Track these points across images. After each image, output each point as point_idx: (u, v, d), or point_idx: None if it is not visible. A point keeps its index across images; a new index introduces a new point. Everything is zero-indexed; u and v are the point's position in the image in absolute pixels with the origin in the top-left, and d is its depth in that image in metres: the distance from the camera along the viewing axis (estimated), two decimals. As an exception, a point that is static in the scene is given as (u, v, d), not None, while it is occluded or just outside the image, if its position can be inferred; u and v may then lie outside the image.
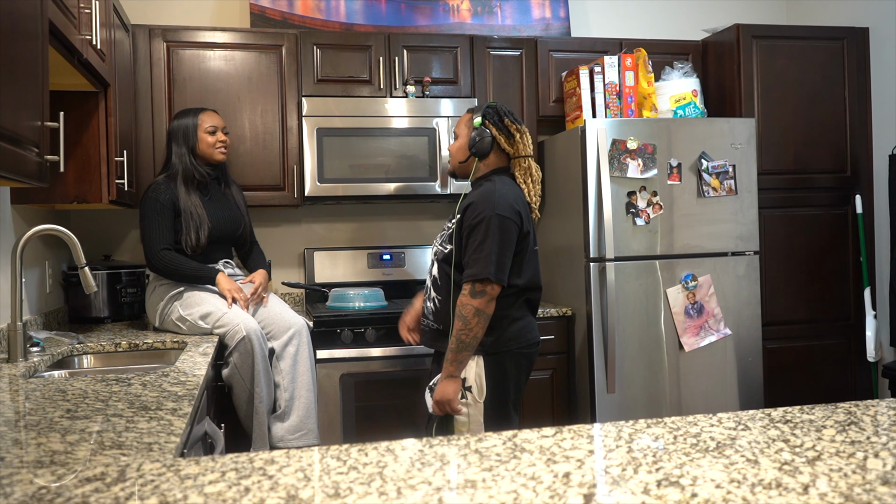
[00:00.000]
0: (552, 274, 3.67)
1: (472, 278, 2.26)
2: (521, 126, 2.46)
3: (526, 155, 2.45)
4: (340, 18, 3.64)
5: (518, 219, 2.33)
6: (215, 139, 2.93)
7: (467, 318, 2.26)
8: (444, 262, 2.39)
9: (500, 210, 2.28)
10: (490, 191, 2.33)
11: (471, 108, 2.51)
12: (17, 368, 2.02)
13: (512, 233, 2.31)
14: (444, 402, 2.31)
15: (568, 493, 0.92)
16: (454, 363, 2.29)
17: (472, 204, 2.32)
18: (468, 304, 2.26)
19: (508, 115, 2.45)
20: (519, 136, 2.44)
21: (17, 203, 2.57)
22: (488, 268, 2.24)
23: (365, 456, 1.08)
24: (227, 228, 2.95)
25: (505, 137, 2.43)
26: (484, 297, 2.26)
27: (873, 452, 1.06)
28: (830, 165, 3.69)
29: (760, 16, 4.22)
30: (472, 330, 2.26)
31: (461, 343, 2.27)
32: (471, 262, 2.28)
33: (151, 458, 1.18)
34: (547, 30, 3.88)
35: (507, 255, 2.30)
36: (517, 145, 2.45)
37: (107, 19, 2.53)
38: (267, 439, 2.77)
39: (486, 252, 2.25)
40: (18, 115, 1.55)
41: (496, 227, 2.26)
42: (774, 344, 3.58)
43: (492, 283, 2.26)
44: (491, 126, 2.42)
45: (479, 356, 2.34)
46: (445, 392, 2.30)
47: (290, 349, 2.85)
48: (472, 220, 2.30)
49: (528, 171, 2.45)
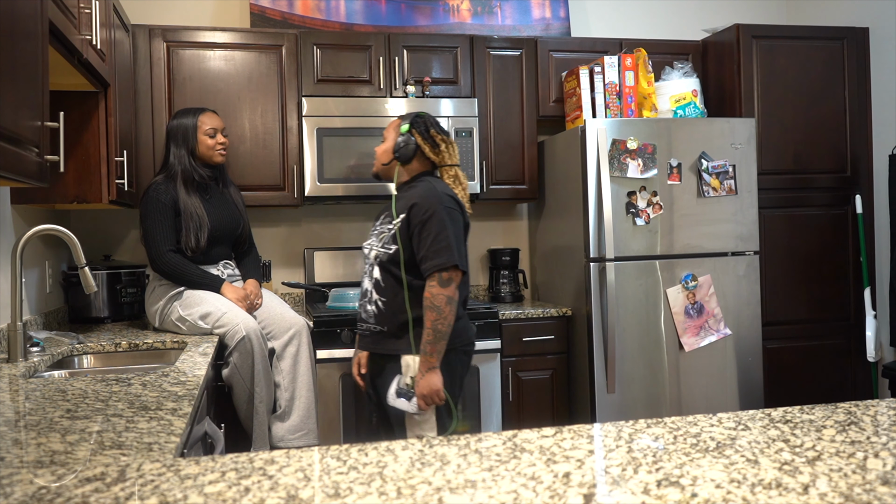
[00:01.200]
0: (552, 274, 3.67)
1: (439, 268, 2.33)
2: (447, 137, 2.57)
3: (453, 164, 2.56)
4: (340, 18, 3.64)
5: (460, 209, 2.45)
6: (215, 141, 2.93)
7: (441, 308, 2.32)
8: (390, 263, 2.43)
9: (446, 203, 2.39)
10: (430, 188, 2.43)
11: (402, 115, 2.63)
12: (17, 368, 2.02)
13: (460, 223, 2.43)
14: (433, 394, 2.35)
15: (568, 493, 0.92)
16: (434, 354, 2.35)
17: (417, 203, 2.39)
18: (439, 294, 2.33)
19: (435, 125, 2.55)
20: (445, 146, 2.55)
21: (17, 203, 2.57)
22: (453, 255, 2.34)
23: (365, 456, 1.08)
24: (227, 229, 2.95)
25: (430, 146, 2.52)
26: (452, 285, 2.35)
27: (873, 452, 1.06)
28: (830, 165, 3.69)
29: (760, 16, 4.22)
30: (447, 318, 2.33)
31: (438, 333, 2.33)
32: (431, 254, 2.35)
33: (151, 458, 1.18)
34: (547, 30, 3.88)
35: (462, 244, 2.42)
36: (442, 154, 2.55)
37: (107, 19, 2.53)
38: (267, 439, 2.77)
39: (446, 242, 2.34)
40: (18, 115, 1.55)
41: (447, 218, 2.36)
42: (774, 344, 3.58)
43: (457, 270, 2.36)
44: (417, 134, 2.52)
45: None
46: (432, 383, 2.35)
47: (290, 349, 2.85)
48: (422, 216, 2.37)
49: (456, 178, 2.56)
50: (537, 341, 3.35)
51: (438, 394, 2.35)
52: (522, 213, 4.01)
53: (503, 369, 3.29)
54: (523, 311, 3.35)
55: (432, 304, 2.32)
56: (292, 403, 2.83)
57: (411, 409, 2.37)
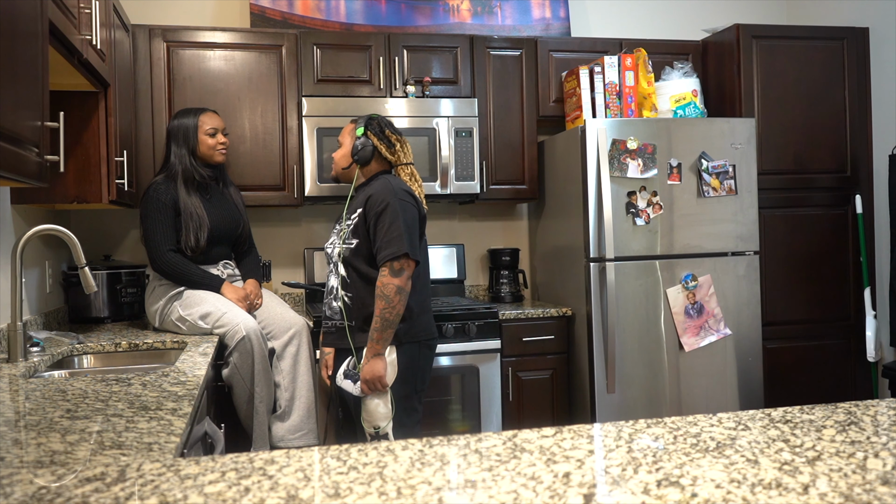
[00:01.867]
0: (552, 274, 3.67)
1: (391, 257, 2.40)
2: (401, 137, 2.65)
3: (408, 162, 2.64)
4: (340, 18, 3.64)
5: (415, 202, 2.52)
6: (215, 141, 2.93)
7: (390, 297, 2.38)
8: (353, 257, 2.51)
9: (399, 195, 2.46)
10: (385, 182, 2.51)
11: (354, 119, 2.70)
12: (17, 368, 2.02)
13: (414, 215, 2.49)
14: (375, 380, 2.41)
15: (568, 493, 0.92)
16: (380, 341, 2.41)
17: (372, 196, 2.47)
18: (389, 284, 2.39)
19: (388, 126, 2.64)
20: (399, 146, 2.63)
21: (17, 203, 2.57)
22: (404, 245, 2.40)
23: (365, 456, 1.08)
24: (227, 229, 2.95)
25: (385, 146, 2.60)
26: (403, 275, 2.41)
27: (873, 452, 1.06)
28: (830, 165, 3.69)
29: (760, 16, 4.22)
30: (395, 308, 2.39)
31: (385, 321, 2.39)
32: (384, 244, 2.42)
33: (151, 458, 1.18)
34: (547, 30, 3.88)
35: (415, 234, 2.48)
36: (398, 154, 2.63)
37: (107, 19, 2.53)
38: (267, 439, 2.77)
39: (398, 232, 2.40)
40: (18, 115, 1.55)
41: (399, 209, 2.43)
42: (774, 344, 3.58)
43: (409, 260, 2.42)
44: (372, 136, 2.60)
45: (392, 345, 2.46)
46: (375, 370, 2.41)
47: (290, 349, 2.85)
48: (378, 207, 2.44)
49: (412, 175, 2.64)
50: (537, 341, 3.35)
51: (381, 380, 2.41)
52: (522, 213, 4.01)
53: (503, 369, 3.29)
54: (523, 311, 3.35)
55: (382, 293, 2.39)
56: (292, 403, 2.83)
57: (355, 391, 2.46)
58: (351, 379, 2.48)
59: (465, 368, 3.24)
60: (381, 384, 2.42)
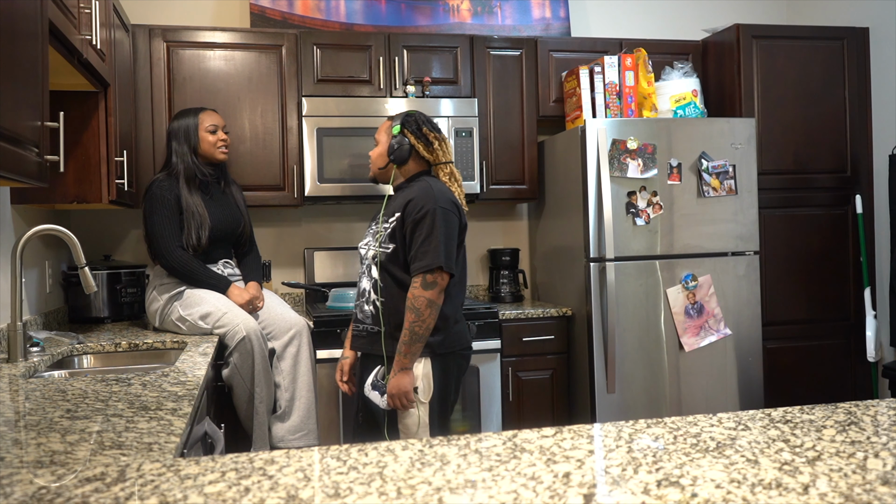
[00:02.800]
0: (552, 274, 3.67)
1: (423, 270, 2.29)
2: (440, 134, 2.52)
3: (447, 161, 2.52)
4: (340, 18, 3.64)
5: (457, 211, 2.39)
6: (216, 138, 2.92)
7: (420, 310, 2.28)
8: (388, 262, 2.40)
9: (441, 203, 2.34)
10: (427, 187, 2.38)
11: (391, 116, 2.57)
12: (17, 368, 2.02)
13: (454, 224, 2.37)
14: (401, 395, 2.32)
15: (568, 493, 0.92)
16: (408, 355, 2.31)
17: (413, 200, 2.36)
18: (420, 297, 2.29)
19: (426, 123, 2.49)
20: (438, 144, 2.49)
21: (17, 203, 2.57)
22: (439, 257, 2.28)
23: (365, 456, 1.08)
24: (228, 228, 2.94)
25: (424, 145, 2.47)
26: (435, 288, 2.30)
27: (873, 452, 1.06)
28: (830, 165, 3.69)
29: (760, 16, 4.22)
30: (426, 321, 2.29)
31: (415, 335, 2.29)
32: (419, 254, 2.31)
33: (151, 458, 1.18)
34: (547, 30, 3.88)
35: (453, 246, 2.36)
36: (436, 153, 2.49)
37: (107, 19, 2.53)
38: (267, 439, 2.77)
39: (435, 243, 2.29)
40: (18, 115, 1.55)
41: (441, 218, 2.31)
42: (774, 344, 3.58)
43: (442, 273, 2.31)
44: (409, 134, 2.47)
45: (427, 357, 2.36)
46: (401, 384, 2.31)
47: (290, 349, 2.85)
48: (416, 214, 2.33)
49: (452, 175, 2.51)
50: (537, 341, 3.35)
51: (407, 395, 2.32)
52: (522, 213, 4.01)
53: (503, 369, 3.29)
54: (523, 311, 3.35)
55: (412, 306, 2.29)
56: (292, 404, 2.83)
57: (382, 404, 2.37)
58: (378, 391, 2.37)
59: (465, 368, 3.24)
60: (408, 399, 2.32)
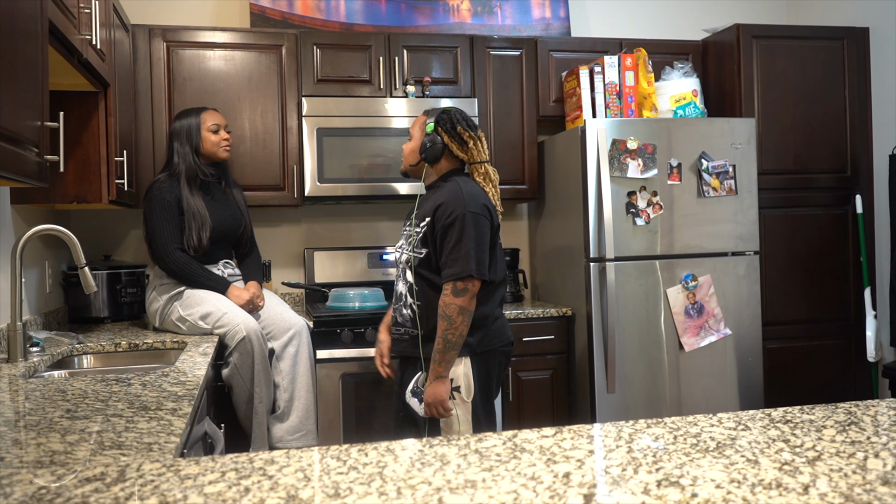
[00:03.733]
0: (552, 274, 3.67)
1: (454, 277, 2.27)
2: (475, 133, 2.45)
3: (482, 161, 2.46)
4: (340, 18, 3.64)
5: (488, 214, 2.35)
6: (219, 137, 2.92)
7: (452, 318, 2.26)
8: (422, 267, 2.37)
9: (471, 207, 2.30)
10: (457, 190, 2.34)
11: (427, 111, 2.51)
12: (17, 368, 2.02)
13: (485, 228, 2.33)
14: (437, 403, 2.30)
15: (568, 493, 0.92)
16: (442, 363, 2.29)
17: (443, 205, 2.32)
18: (452, 304, 2.27)
19: (462, 121, 2.43)
20: (472, 143, 2.44)
21: (17, 203, 2.57)
22: (469, 265, 2.25)
23: (365, 456, 1.08)
24: (229, 229, 2.94)
25: (458, 144, 2.42)
26: (466, 295, 2.27)
27: (873, 452, 1.06)
28: (830, 165, 3.69)
29: (760, 16, 4.22)
30: (458, 329, 2.27)
31: (448, 343, 2.27)
32: (449, 261, 2.29)
33: (151, 458, 1.18)
34: (547, 30, 3.88)
35: (484, 251, 2.32)
36: (471, 152, 2.44)
37: (107, 19, 2.53)
38: (266, 439, 2.77)
39: (465, 250, 2.26)
40: (18, 115, 1.55)
41: (471, 223, 2.28)
42: (774, 344, 3.58)
43: (473, 280, 2.27)
44: (443, 133, 2.42)
45: (466, 356, 2.34)
46: (437, 393, 2.29)
47: (289, 349, 2.85)
48: (446, 220, 2.30)
49: (486, 175, 2.46)
50: (537, 341, 3.35)
51: (443, 404, 2.29)
52: (522, 213, 4.01)
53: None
54: (523, 311, 3.35)
55: (444, 314, 2.27)
56: (291, 404, 2.83)
57: (420, 411, 2.35)
58: (418, 398, 2.36)
59: (465, 368, 3.24)
60: (444, 408, 2.30)
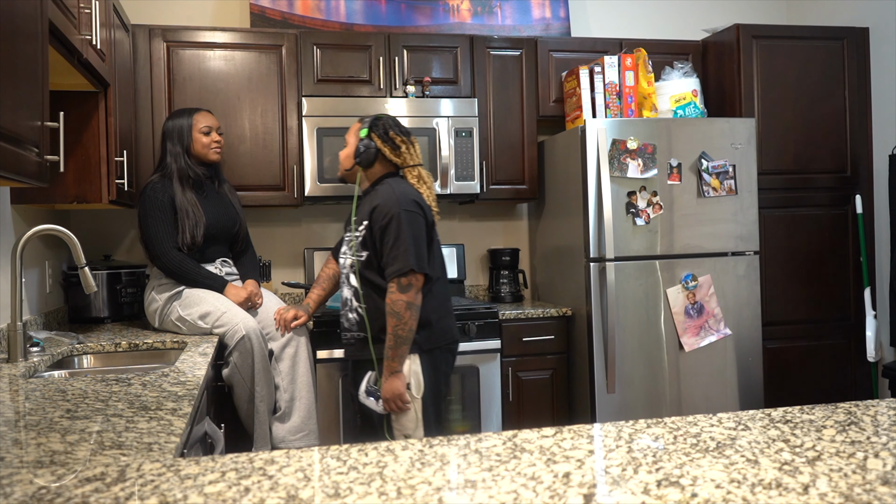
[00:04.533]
0: (552, 274, 3.67)
1: (397, 274, 2.37)
2: (408, 138, 2.57)
3: (415, 164, 2.57)
4: (340, 18, 3.64)
5: (421, 210, 2.46)
6: (210, 139, 2.93)
7: (400, 314, 2.36)
8: (364, 269, 2.48)
9: (404, 206, 2.41)
10: (389, 191, 2.45)
11: (361, 118, 2.63)
12: (17, 368, 2.02)
13: (420, 224, 2.43)
14: (395, 398, 2.40)
15: (568, 493, 0.92)
16: (395, 359, 2.39)
17: (378, 206, 2.43)
18: (399, 300, 2.36)
19: (394, 127, 2.56)
20: (405, 148, 2.55)
21: (17, 203, 2.57)
22: (410, 260, 2.36)
23: (365, 456, 1.08)
24: (223, 226, 2.94)
25: (390, 149, 2.54)
26: (412, 290, 2.37)
27: (873, 452, 1.06)
28: (830, 165, 3.69)
29: (760, 16, 4.22)
30: (407, 323, 2.37)
31: (399, 338, 2.37)
32: (390, 260, 2.39)
33: (151, 458, 1.18)
34: (547, 30, 3.88)
35: (422, 246, 2.42)
36: (404, 156, 2.56)
37: (107, 19, 2.53)
38: (268, 438, 2.76)
39: (404, 247, 2.37)
40: (18, 115, 1.55)
41: (406, 221, 2.39)
42: (774, 344, 3.58)
43: (416, 275, 2.38)
44: (376, 138, 2.53)
45: (415, 354, 2.44)
46: (395, 388, 2.39)
47: (288, 350, 2.84)
48: (382, 221, 2.41)
49: (420, 177, 2.57)
50: (537, 341, 3.35)
51: (402, 397, 2.39)
52: (522, 213, 4.01)
53: (503, 369, 3.29)
54: (523, 311, 3.35)
55: (392, 311, 2.36)
56: (293, 404, 2.83)
57: (379, 409, 2.44)
58: (373, 396, 2.45)
59: (465, 368, 3.24)
60: (402, 401, 2.39)
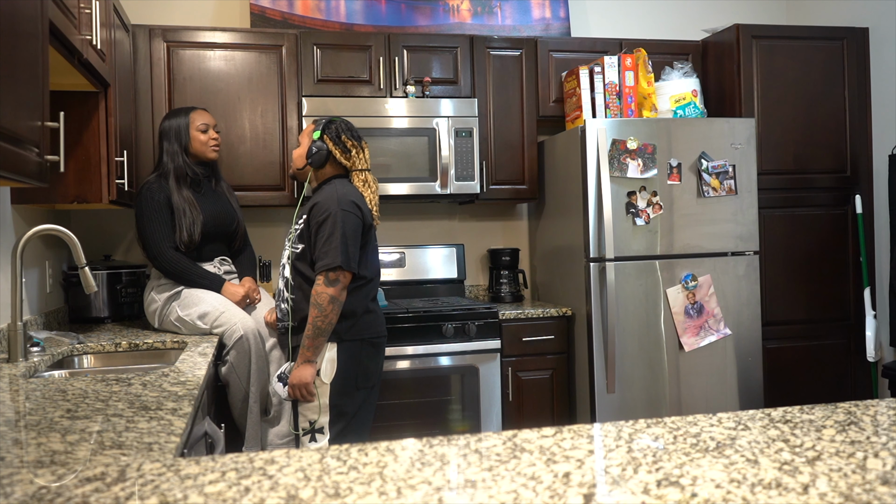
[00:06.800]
0: (552, 274, 3.67)
1: (325, 268, 2.43)
2: (359, 143, 2.63)
3: (364, 168, 2.64)
4: (340, 18, 3.64)
5: (359, 212, 2.51)
6: (207, 137, 2.93)
7: (323, 306, 2.42)
8: (297, 260, 2.55)
9: (343, 206, 2.47)
10: (331, 191, 2.52)
11: (315, 120, 2.69)
12: (18, 368, 2.02)
13: (356, 225, 2.49)
14: (301, 386, 2.46)
15: (568, 493, 0.92)
16: (311, 349, 2.45)
17: (318, 204, 2.50)
18: (323, 293, 2.42)
19: (346, 131, 2.62)
20: (355, 151, 2.62)
21: (17, 203, 2.57)
22: (339, 257, 2.42)
23: (365, 456, 1.08)
24: (221, 224, 2.94)
25: (340, 151, 2.60)
26: (338, 286, 2.43)
27: (873, 452, 1.06)
28: (830, 165, 3.69)
29: (760, 16, 4.22)
30: (328, 317, 2.43)
31: (317, 329, 2.43)
32: (321, 254, 2.45)
33: (151, 458, 1.18)
34: (547, 30, 3.88)
35: (354, 246, 2.48)
36: (353, 159, 2.62)
37: (107, 19, 2.53)
38: (259, 438, 2.76)
39: (335, 244, 2.43)
40: (18, 115, 1.55)
41: (341, 220, 2.45)
42: (774, 344, 3.58)
43: (343, 271, 2.44)
44: (328, 140, 2.60)
45: (333, 342, 2.49)
46: (302, 376, 2.45)
47: (276, 353, 2.83)
48: (319, 217, 2.47)
49: (366, 181, 2.64)
50: (537, 341, 3.35)
51: (307, 387, 2.45)
52: (522, 213, 4.01)
53: (503, 369, 3.29)
54: (523, 311, 3.35)
55: (316, 302, 2.43)
56: (281, 408, 2.82)
57: (283, 394, 2.51)
58: (283, 382, 2.52)
59: (465, 368, 3.24)
60: (307, 391, 2.46)
